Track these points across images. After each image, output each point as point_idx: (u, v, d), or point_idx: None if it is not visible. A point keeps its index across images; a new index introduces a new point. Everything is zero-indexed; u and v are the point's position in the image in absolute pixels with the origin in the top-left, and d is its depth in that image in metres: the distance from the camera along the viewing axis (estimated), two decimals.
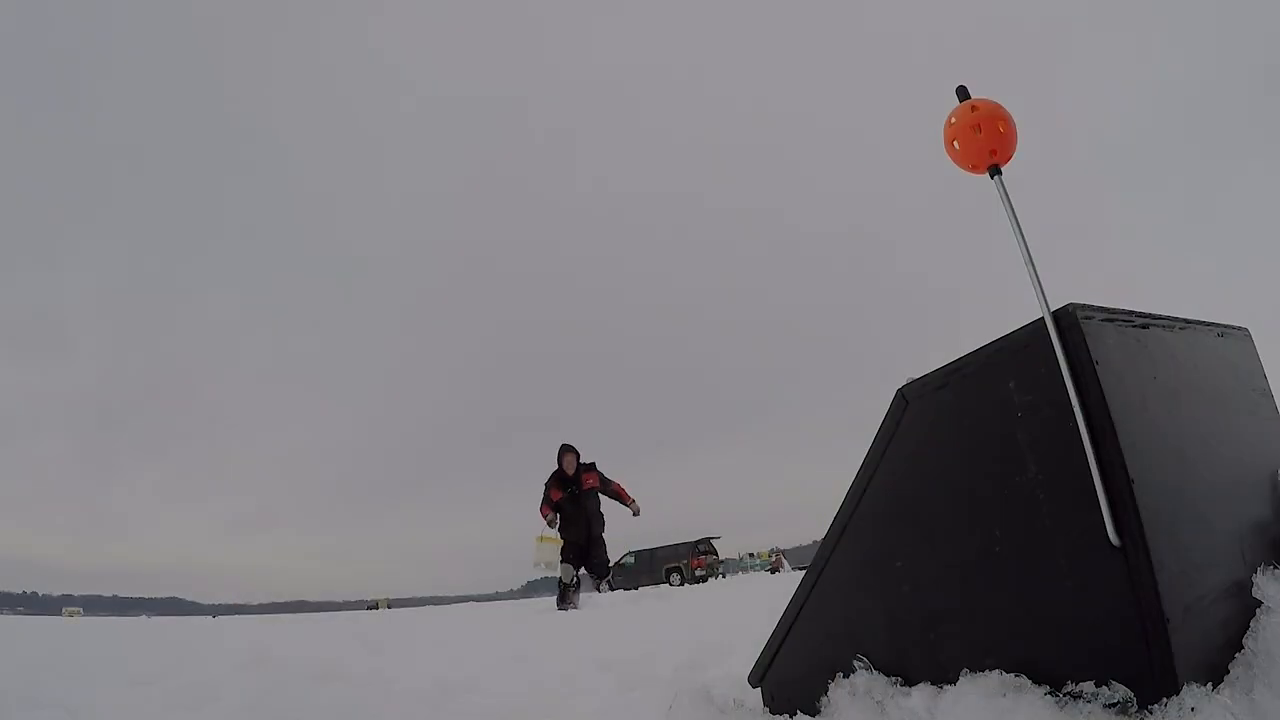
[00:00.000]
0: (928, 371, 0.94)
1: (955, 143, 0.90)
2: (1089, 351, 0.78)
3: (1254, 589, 0.88)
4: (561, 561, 6.07)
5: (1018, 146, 0.89)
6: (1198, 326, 1.03)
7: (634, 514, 6.25)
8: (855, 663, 0.95)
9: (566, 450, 6.45)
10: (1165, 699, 0.73)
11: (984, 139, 0.88)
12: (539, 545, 6.18)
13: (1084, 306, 0.82)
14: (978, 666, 0.84)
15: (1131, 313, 0.90)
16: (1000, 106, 0.89)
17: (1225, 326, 1.09)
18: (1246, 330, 1.14)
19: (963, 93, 0.91)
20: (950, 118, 0.90)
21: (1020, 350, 0.83)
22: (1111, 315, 0.86)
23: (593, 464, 6.31)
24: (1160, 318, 0.95)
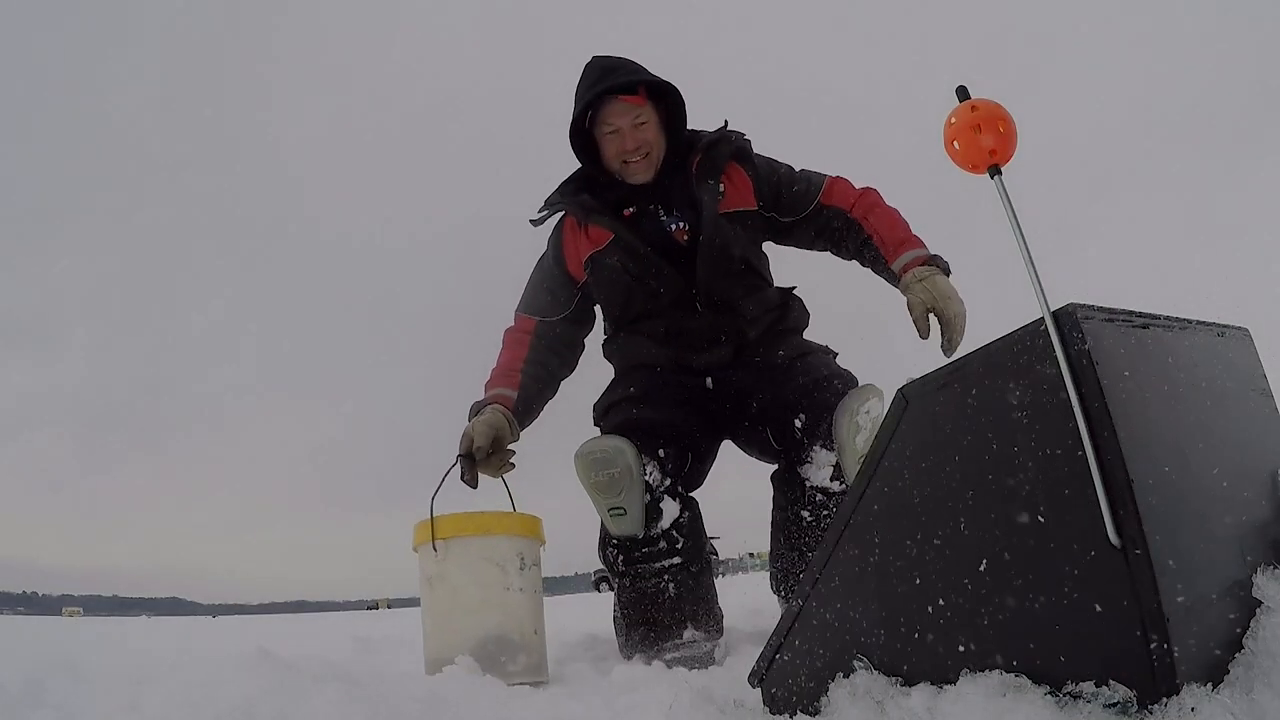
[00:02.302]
0: (928, 371, 0.94)
1: (955, 143, 0.90)
2: (1089, 351, 0.78)
3: (1254, 589, 0.88)
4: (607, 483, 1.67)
5: (1018, 146, 0.90)
6: (1198, 326, 1.03)
7: (948, 343, 1.60)
8: (855, 663, 0.95)
9: (599, 69, 1.84)
10: (1165, 699, 0.73)
11: (984, 139, 0.88)
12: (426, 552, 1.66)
13: (1084, 306, 0.82)
14: (978, 666, 0.84)
15: (1131, 313, 0.91)
16: (1000, 106, 0.90)
17: (1225, 326, 1.09)
18: (1246, 330, 1.14)
19: (962, 93, 0.91)
20: (950, 118, 0.90)
21: (1020, 350, 0.84)
22: (1111, 315, 0.86)
23: (729, 133, 1.93)
24: (1160, 318, 0.96)
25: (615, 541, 1.78)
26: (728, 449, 2.05)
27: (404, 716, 1.23)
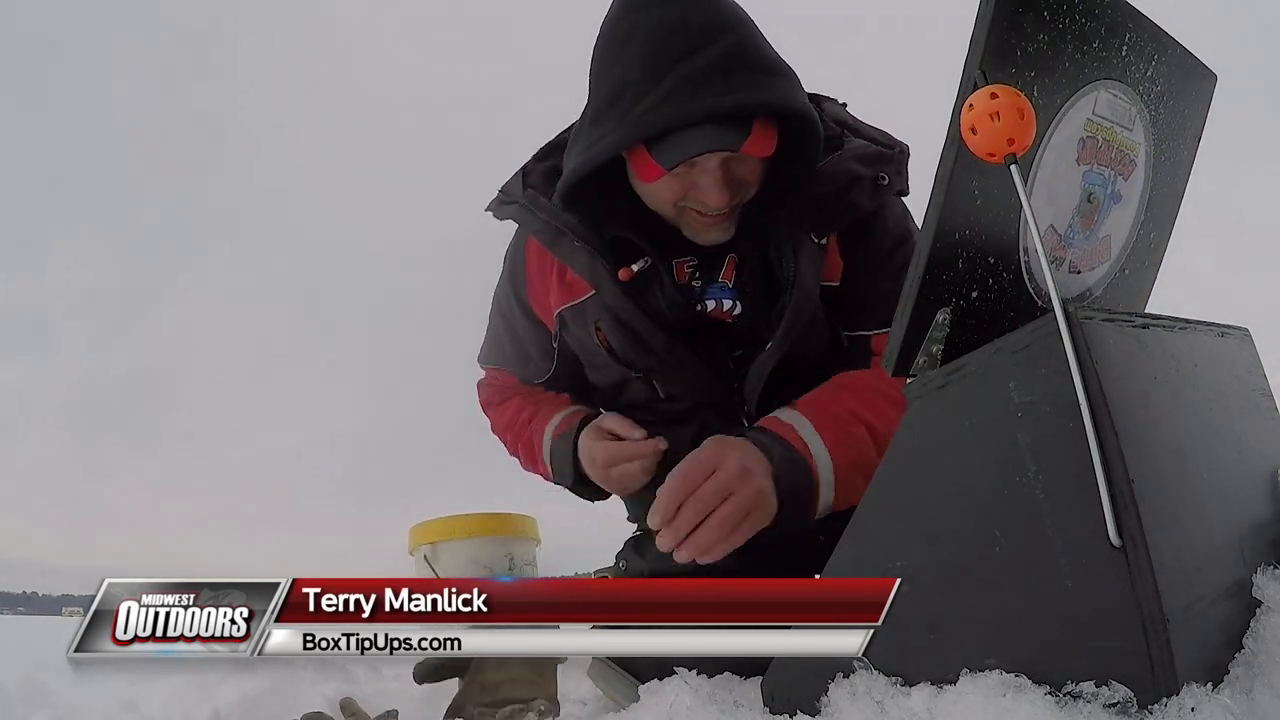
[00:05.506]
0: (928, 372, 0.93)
1: (973, 129, 0.84)
2: (1089, 351, 0.78)
3: (1254, 589, 0.89)
4: None
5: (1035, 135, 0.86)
6: (1198, 326, 1.03)
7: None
8: (855, 663, 0.95)
9: (677, 50, 0.93)
10: (1165, 699, 0.73)
11: (1003, 127, 0.83)
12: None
13: (1084, 306, 0.82)
14: (978, 666, 0.84)
15: (1131, 313, 0.90)
16: (1020, 94, 0.85)
17: (1225, 327, 1.09)
18: (1246, 330, 1.14)
19: (981, 78, 0.86)
20: (969, 102, 0.85)
21: (1020, 350, 0.83)
22: (1111, 315, 0.86)
23: (876, 175, 1.11)
24: (1160, 318, 0.96)
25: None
26: None
27: (403, 715, 1.24)
